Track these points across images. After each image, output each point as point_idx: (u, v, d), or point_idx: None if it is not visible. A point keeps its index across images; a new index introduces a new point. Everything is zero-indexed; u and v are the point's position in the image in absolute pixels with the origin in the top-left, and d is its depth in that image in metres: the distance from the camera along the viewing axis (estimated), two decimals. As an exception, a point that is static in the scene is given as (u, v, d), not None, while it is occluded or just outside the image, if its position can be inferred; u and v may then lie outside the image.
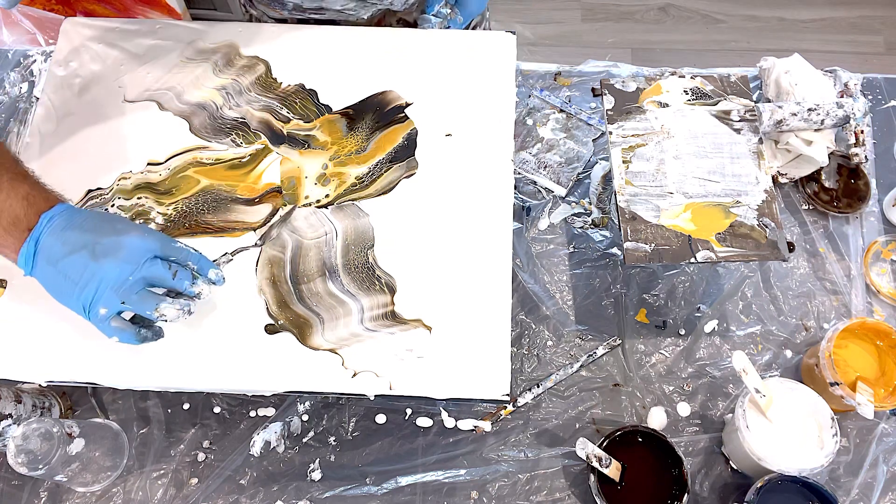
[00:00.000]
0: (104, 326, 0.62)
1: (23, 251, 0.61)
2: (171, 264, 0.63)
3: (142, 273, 0.61)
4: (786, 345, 0.85)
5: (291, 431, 0.80)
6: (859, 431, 0.80)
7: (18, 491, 0.77)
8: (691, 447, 0.79)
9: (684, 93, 0.82)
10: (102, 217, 0.64)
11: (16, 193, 0.61)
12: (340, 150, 0.79)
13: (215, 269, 0.67)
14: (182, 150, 0.78)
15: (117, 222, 0.64)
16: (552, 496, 0.77)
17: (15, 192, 0.61)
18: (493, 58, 0.83)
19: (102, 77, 0.82)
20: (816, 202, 0.91)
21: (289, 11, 0.89)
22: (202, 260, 0.66)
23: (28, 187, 0.62)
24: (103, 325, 0.62)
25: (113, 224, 0.63)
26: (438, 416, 0.80)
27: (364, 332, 0.70)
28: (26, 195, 0.62)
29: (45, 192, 0.64)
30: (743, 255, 0.74)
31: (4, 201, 0.61)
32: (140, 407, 0.80)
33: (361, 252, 0.73)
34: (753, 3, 2.20)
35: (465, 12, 0.91)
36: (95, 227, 0.62)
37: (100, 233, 0.61)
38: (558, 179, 0.92)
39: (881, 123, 0.98)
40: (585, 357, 0.83)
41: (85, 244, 0.61)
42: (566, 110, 0.97)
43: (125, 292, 0.61)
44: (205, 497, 0.77)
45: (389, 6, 0.89)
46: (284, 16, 0.90)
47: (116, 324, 0.62)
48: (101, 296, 0.61)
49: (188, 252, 0.65)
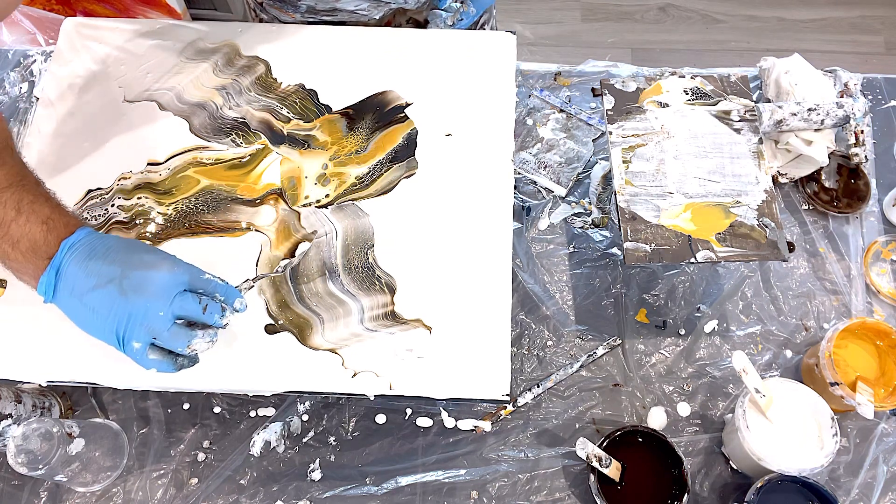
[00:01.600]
0: (141, 359, 0.60)
1: (43, 280, 0.59)
2: (200, 297, 0.61)
3: (172, 309, 0.59)
4: (786, 345, 0.85)
5: (291, 431, 0.80)
6: (859, 431, 0.80)
7: (18, 491, 0.77)
8: (691, 447, 0.79)
9: (684, 93, 0.82)
10: (127, 246, 0.62)
11: (36, 217, 0.59)
12: (340, 150, 0.79)
13: (240, 299, 0.64)
14: (182, 150, 0.78)
15: (144, 252, 0.62)
16: (552, 496, 0.77)
17: (35, 215, 0.59)
18: (493, 58, 0.83)
19: (102, 77, 0.82)
20: (816, 202, 0.91)
21: (301, 14, 0.88)
22: (229, 290, 0.64)
23: (49, 210, 0.60)
24: (140, 357, 0.60)
25: (140, 255, 0.61)
26: (438, 416, 0.80)
27: (364, 332, 0.70)
28: (46, 219, 0.59)
29: (66, 216, 0.61)
30: (743, 255, 0.74)
31: (24, 225, 0.58)
32: (140, 407, 0.80)
33: (361, 252, 0.73)
34: (753, 3, 2.20)
35: (478, 3, 0.89)
36: (122, 259, 0.59)
37: (127, 265, 0.59)
38: (558, 179, 0.92)
39: (881, 123, 0.98)
40: (585, 357, 0.83)
41: (112, 278, 0.58)
42: (566, 110, 0.97)
43: (156, 329, 0.59)
44: (205, 497, 0.77)
45: (403, 4, 0.89)
46: (297, 19, 0.89)
47: (154, 356, 0.60)
48: (132, 332, 0.58)
49: (216, 283, 0.63)
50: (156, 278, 0.59)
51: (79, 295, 0.58)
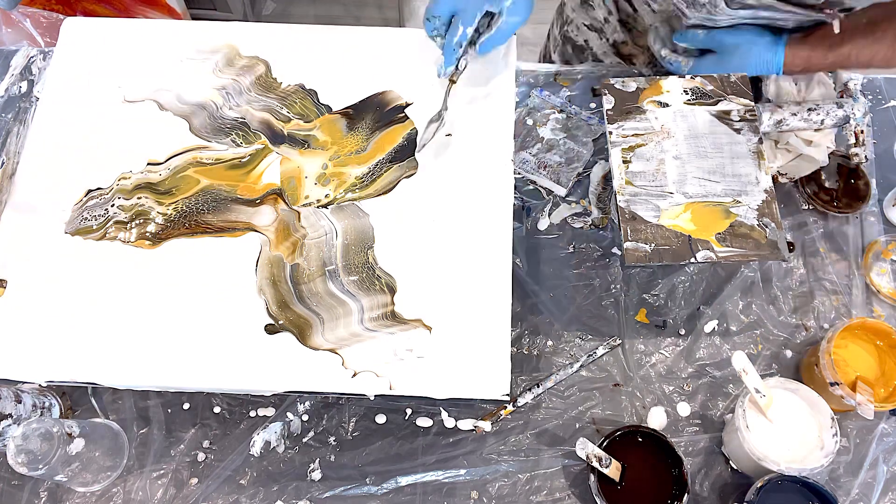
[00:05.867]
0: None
1: None
2: None
3: None
4: (786, 345, 0.85)
5: (291, 431, 0.80)
6: (859, 431, 0.80)
7: (18, 491, 0.77)
8: (691, 447, 0.79)
9: (684, 93, 0.82)
10: None
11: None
12: (340, 149, 0.79)
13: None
14: (182, 150, 0.78)
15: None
16: (552, 496, 0.77)
17: None
18: (493, 58, 0.83)
19: (102, 77, 0.82)
20: (816, 202, 0.91)
21: None
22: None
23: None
24: None
25: None
26: (438, 416, 0.80)
27: (364, 332, 0.70)
28: None
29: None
30: (743, 255, 0.74)
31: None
32: (140, 407, 0.80)
33: (361, 252, 0.73)
34: (753, 3, 2.19)
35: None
36: None
37: None
38: (558, 179, 0.92)
39: (881, 123, 0.98)
40: (585, 357, 0.83)
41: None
42: (566, 110, 0.97)
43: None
44: (205, 497, 0.77)
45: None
46: None
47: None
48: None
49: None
50: None
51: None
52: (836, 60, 0.78)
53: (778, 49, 0.79)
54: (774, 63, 0.80)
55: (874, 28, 0.76)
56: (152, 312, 0.71)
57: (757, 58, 0.80)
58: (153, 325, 0.70)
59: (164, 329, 0.70)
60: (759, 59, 0.80)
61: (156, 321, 0.70)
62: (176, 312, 0.71)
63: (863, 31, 0.76)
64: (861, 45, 0.76)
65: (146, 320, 0.70)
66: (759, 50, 0.80)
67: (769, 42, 0.80)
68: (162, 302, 0.71)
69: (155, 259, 0.73)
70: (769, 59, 0.80)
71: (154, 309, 0.71)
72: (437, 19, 0.75)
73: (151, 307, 0.71)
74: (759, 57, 0.80)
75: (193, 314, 0.70)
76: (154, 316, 0.70)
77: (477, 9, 0.73)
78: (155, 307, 0.71)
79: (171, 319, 0.70)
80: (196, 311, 0.70)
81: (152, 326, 0.70)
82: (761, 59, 0.80)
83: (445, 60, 0.76)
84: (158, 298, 0.71)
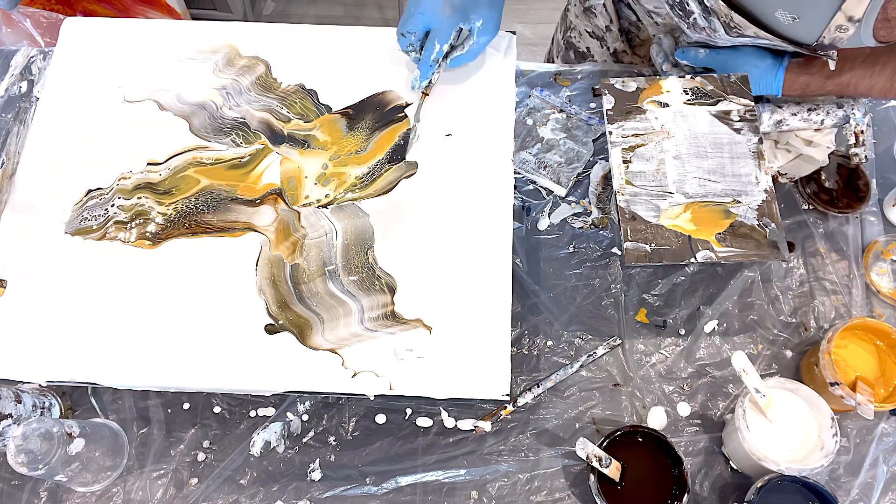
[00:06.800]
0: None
1: None
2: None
3: None
4: (786, 345, 0.85)
5: (291, 431, 0.80)
6: (859, 431, 0.80)
7: (18, 491, 0.77)
8: (691, 447, 0.79)
9: (684, 93, 0.82)
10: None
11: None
12: (340, 149, 0.79)
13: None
14: (182, 150, 0.78)
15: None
16: (552, 496, 0.77)
17: None
18: (493, 58, 0.83)
19: (102, 77, 0.82)
20: (816, 202, 0.91)
21: None
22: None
23: None
24: None
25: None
26: (438, 416, 0.80)
27: (364, 332, 0.70)
28: None
29: None
30: (743, 255, 0.74)
31: None
32: (140, 407, 0.80)
33: (361, 252, 0.73)
34: (753, 3, 2.19)
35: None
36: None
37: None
38: (558, 179, 0.92)
39: (881, 123, 0.98)
40: (585, 357, 0.83)
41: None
42: (566, 110, 0.97)
43: None
44: (205, 497, 0.77)
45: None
46: None
47: None
48: None
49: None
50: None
51: None
52: (835, 89, 0.81)
53: (778, 73, 0.82)
54: (774, 86, 0.82)
55: (875, 60, 0.78)
56: (152, 312, 0.71)
57: (757, 81, 0.83)
58: (153, 325, 0.70)
59: (164, 329, 0.70)
60: (758, 82, 0.83)
61: (156, 321, 0.70)
62: (176, 312, 0.71)
63: (863, 63, 0.78)
64: (860, 75, 0.78)
65: (146, 320, 0.70)
66: (760, 73, 0.83)
67: (770, 66, 0.82)
68: (162, 302, 0.71)
69: (155, 259, 0.73)
70: (769, 83, 0.83)
71: (154, 309, 0.71)
72: (412, 35, 0.77)
73: (151, 307, 0.71)
74: (759, 80, 0.83)
75: (193, 314, 0.70)
76: (154, 316, 0.70)
77: (451, 27, 0.75)
78: (155, 307, 0.71)
79: (171, 319, 0.70)
80: (196, 311, 0.71)
81: (152, 326, 0.70)
82: (761, 82, 0.83)
83: (421, 75, 0.78)
84: (158, 298, 0.71)
